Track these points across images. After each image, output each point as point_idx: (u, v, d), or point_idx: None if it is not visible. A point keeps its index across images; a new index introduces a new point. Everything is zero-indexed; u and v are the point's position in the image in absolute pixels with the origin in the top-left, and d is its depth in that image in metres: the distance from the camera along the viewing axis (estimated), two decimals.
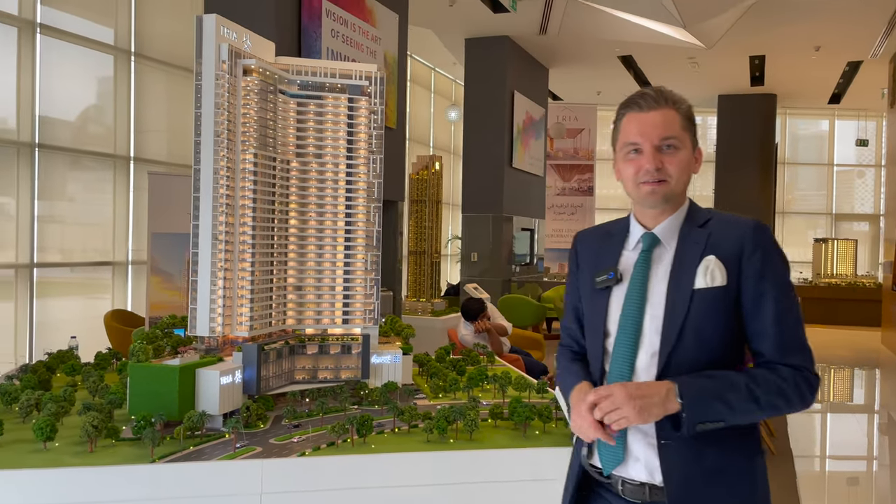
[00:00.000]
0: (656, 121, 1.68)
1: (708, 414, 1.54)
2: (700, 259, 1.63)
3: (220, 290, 2.81)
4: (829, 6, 9.63)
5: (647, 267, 1.69)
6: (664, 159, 1.67)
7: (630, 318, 1.67)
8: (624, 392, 1.54)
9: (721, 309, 1.62)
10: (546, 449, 2.47)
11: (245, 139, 2.87)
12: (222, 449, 2.40)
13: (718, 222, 1.70)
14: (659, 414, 1.54)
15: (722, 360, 1.63)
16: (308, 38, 5.80)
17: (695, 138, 1.73)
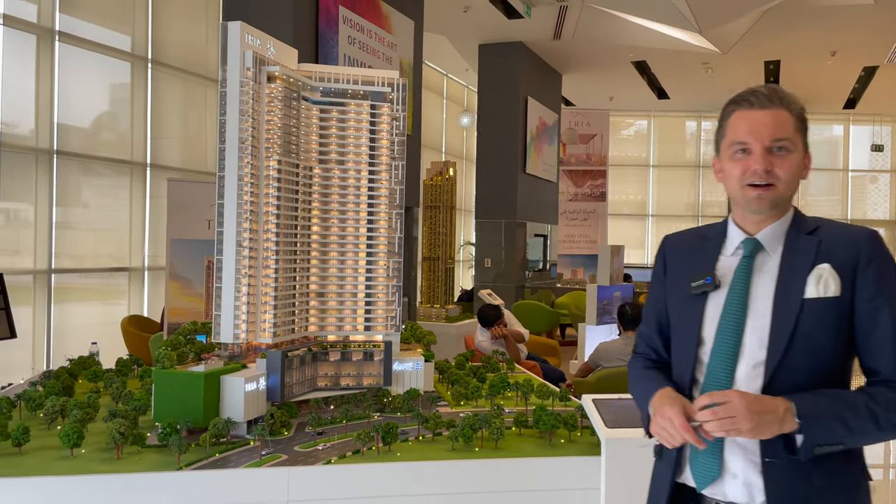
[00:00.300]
0: (768, 121, 1.58)
1: (827, 436, 1.46)
2: (811, 267, 1.55)
3: (244, 297, 2.80)
4: (846, 11, 9.57)
5: (748, 274, 1.60)
6: (774, 162, 1.57)
7: (730, 326, 1.57)
8: (744, 402, 1.43)
9: (832, 320, 1.53)
10: (573, 458, 2.45)
11: (269, 146, 2.87)
12: (248, 456, 2.39)
13: (828, 231, 1.61)
14: (774, 432, 1.45)
15: (832, 374, 1.54)
16: (325, 44, 5.82)
17: (806, 141, 1.63)
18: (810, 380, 1.51)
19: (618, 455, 2.29)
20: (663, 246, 1.82)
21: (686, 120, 18.58)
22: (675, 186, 18.69)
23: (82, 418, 2.51)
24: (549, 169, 12.59)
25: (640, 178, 18.65)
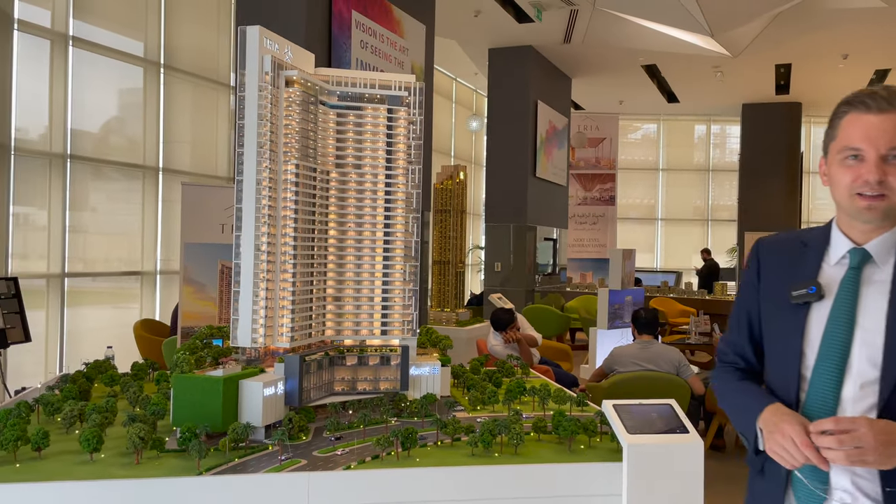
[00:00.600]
0: (886, 126, 1.48)
1: None
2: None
3: (262, 301, 2.80)
4: (857, 14, 9.54)
5: (856, 286, 1.52)
6: (889, 171, 1.47)
7: (836, 342, 1.50)
8: (872, 433, 1.36)
9: None
10: (594, 464, 2.42)
11: (287, 150, 2.87)
12: (267, 461, 2.38)
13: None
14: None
15: None
16: (338, 48, 5.83)
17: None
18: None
19: (640, 461, 2.27)
20: (757, 250, 1.73)
21: (695, 124, 18.54)
22: (685, 190, 18.64)
23: (101, 423, 2.51)
24: (559, 173, 12.57)
25: (649, 182, 18.60)
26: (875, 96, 1.50)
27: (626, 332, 7.40)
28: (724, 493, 4.69)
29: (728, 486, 4.91)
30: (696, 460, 2.29)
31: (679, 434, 2.35)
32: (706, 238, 18.41)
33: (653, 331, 4.94)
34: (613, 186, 15.66)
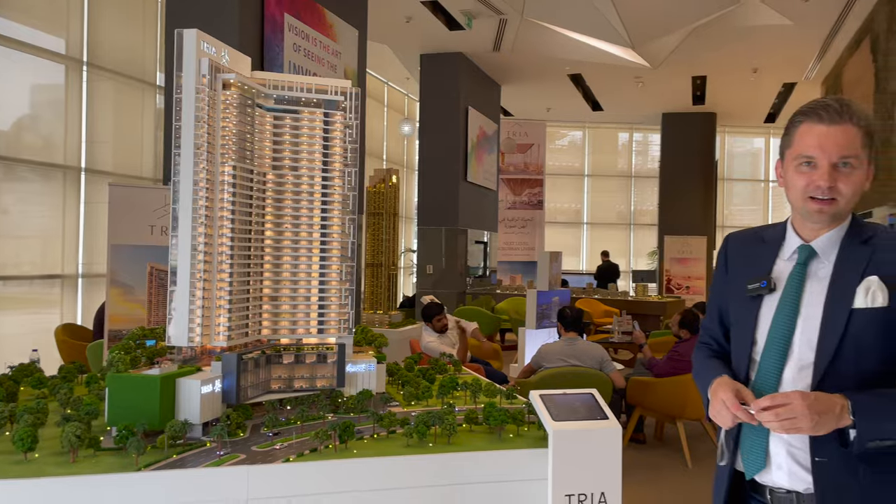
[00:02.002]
0: (837, 137, 1.61)
1: (879, 433, 1.53)
2: (861, 278, 1.61)
3: (198, 301, 2.83)
4: (767, 31, 10.16)
5: (802, 280, 1.68)
6: (839, 178, 1.62)
7: (780, 329, 1.67)
8: (804, 404, 1.52)
9: (880, 329, 1.60)
10: (522, 451, 2.57)
11: (224, 152, 2.91)
12: (206, 457, 2.42)
13: (883, 240, 1.66)
14: (831, 428, 1.54)
15: (879, 377, 1.61)
16: (270, 51, 5.84)
17: (871, 155, 1.66)
18: (856, 383, 1.59)
19: (564, 446, 2.44)
20: (726, 245, 1.89)
21: (619, 131, 19.21)
22: (609, 195, 19.29)
23: (34, 423, 2.50)
24: (490, 177, 12.83)
25: (575, 187, 19.15)
26: (828, 108, 1.64)
27: (553, 331, 7.66)
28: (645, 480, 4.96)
29: (647, 475, 5.20)
30: (615, 443, 2.47)
31: (599, 420, 2.53)
32: (629, 241, 19.10)
33: (578, 328, 5.17)
34: (541, 191, 16.06)
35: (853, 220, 1.72)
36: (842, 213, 1.68)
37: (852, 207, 1.69)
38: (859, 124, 1.63)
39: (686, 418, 5.43)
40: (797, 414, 1.52)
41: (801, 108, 1.72)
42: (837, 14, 9.59)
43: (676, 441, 5.87)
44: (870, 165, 1.67)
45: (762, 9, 9.34)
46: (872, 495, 1.58)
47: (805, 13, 9.44)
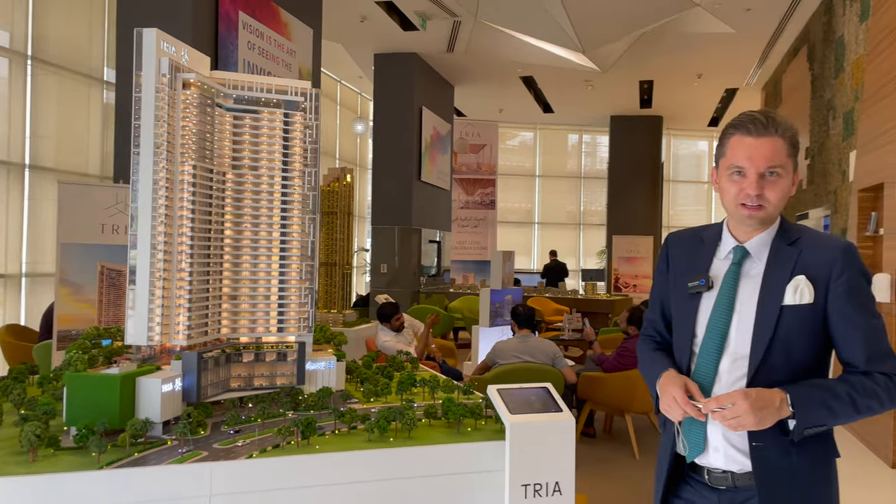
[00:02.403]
0: (765, 149, 1.75)
1: (815, 420, 1.69)
2: (790, 277, 1.75)
3: (158, 300, 2.83)
4: (711, 39, 10.52)
5: (736, 278, 1.82)
6: (766, 186, 1.76)
7: (717, 324, 1.81)
8: (747, 403, 1.66)
9: (808, 324, 1.74)
10: (480, 443, 2.66)
11: (184, 151, 2.92)
12: (168, 455, 2.44)
13: (808, 242, 1.80)
14: (773, 421, 1.68)
15: (809, 366, 1.76)
16: (225, 49, 5.80)
17: (796, 162, 1.80)
18: (787, 374, 1.74)
19: (521, 438, 2.54)
20: (667, 244, 2.03)
21: (568, 133, 19.54)
22: (559, 195, 19.60)
23: None
24: (443, 177, 12.93)
25: (526, 188, 19.41)
26: (755, 121, 1.77)
27: (506, 329, 7.80)
28: (595, 472, 5.12)
29: (597, 467, 5.36)
30: (569, 435, 2.58)
31: (554, 413, 2.64)
32: (578, 241, 19.45)
33: (531, 325, 5.30)
34: (494, 191, 16.24)
35: (782, 222, 1.86)
36: (770, 218, 1.82)
37: (780, 211, 1.83)
38: (784, 136, 1.77)
39: (634, 412, 5.62)
40: (741, 413, 1.66)
41: (732, 121, 1.85)
42: (777, 23, 9.99)
43: (625, 434, 6.06)
44: (795, 172, 1.81)
45: (706, 17, 9.67)
46: (804, 476, 1.73)
47: (747, 22, 9.82)
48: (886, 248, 5.68)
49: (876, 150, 6.04)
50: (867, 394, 1.69)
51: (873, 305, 1.75)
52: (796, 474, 1.72)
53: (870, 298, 1.75)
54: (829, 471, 1.78)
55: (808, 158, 9.35)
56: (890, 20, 5.77)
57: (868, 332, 1.72)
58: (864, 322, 1.72)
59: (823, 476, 1.77)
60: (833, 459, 1.80)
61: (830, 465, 1.79)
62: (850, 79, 7.31)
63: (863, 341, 1.73)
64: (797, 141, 1.81)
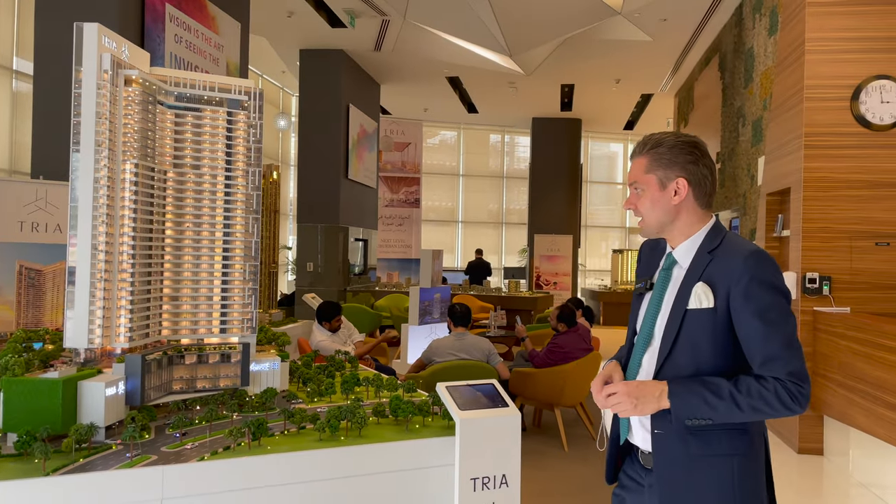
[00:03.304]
0: (632, 169, 2.02)
1: (692, 412, 1.80)
2: (697, 282, 1.89)
3: (99, 301, 2.76)
4: (628, 46, 10.95)
5: (665, 282, 1.98)
6: (636, 201, 1.99)
7: (647, 322, 1.99)
8: (625, 391, 1.86)
9: (710, 327, 1.86)
10: (430, 440, 2.73)
11: (126, 149, 2.86)
12: (115, 460, 2.39)
13: (723, 250, 1.91)
14: (654, 409, 1.85)
15: (720, 368, 1.87)
16: (151, 41, 5.63)
17: (666, 174, 1.94)
18: (693, 372, 1.87)
19: (470, 433, 2.63)
20: (640, 250, 2.21)
21: (491, 133, 19.84)
22: (482, 195, 19.88)
23: None
24: (370, 175, 12.90)
25: (449, 186, 19.59)
26: (638, 144, 2.01)
27: (435, 327, 7.89)
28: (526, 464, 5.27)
29: (528, 460, 5.53)
30: (515, 428, 2.70)
31: (501, 408, 2.75)
32: (500, 239, 19.81)
33: (466, 323, 5.42)
34: (418, 189, 16.32)
35: (711, 229, 1.97)
36: (651, 229, 2.01)
37: (669, 220, 1.97)
38: (648, 153, 1.97)
39: (563, 405, 5.83)
40: (620, 400, 1.87)
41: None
42: (691, 34, 10.51)
43: (554, 427, 6.27)
44: (667, 184, 1.95)
45: (626, 25, 10.07)
46: (698, 464, 1.86)
47: (662, 30, 10.28)
48: (792, 248, 6.11)
49: (783, 157, 6.48)
50: (752, 395, 1.77)
51: (773, 312, 1.80)
52: (694, 464, 1.85)
53: (769, 304, 1.81)
54: (731, 466, 1.84)
55: (719, 163, 9.90)
56: (796, 36, 6.21)
57: (763, 336, 1.79)
58: (759, 326, 1.79)
59: (722, 470, 1.84)
60: (740, 458, 1.86)
61: (733, 460, 1.85)
62: (759, 89, 7.80)
63: (757, 345, 1.80)
64: (661, 155, 1.95)
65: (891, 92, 5.78)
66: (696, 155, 1.94)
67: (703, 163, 1.94)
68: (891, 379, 4.56)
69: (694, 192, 1.94)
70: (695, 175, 1.94)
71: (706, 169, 1.95)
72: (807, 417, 5.79)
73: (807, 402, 1.79)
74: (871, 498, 4.84)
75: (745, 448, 1.86)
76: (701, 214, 1.97)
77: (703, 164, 1.94)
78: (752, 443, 1.88)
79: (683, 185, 1.94)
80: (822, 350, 5.65)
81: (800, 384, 1.77)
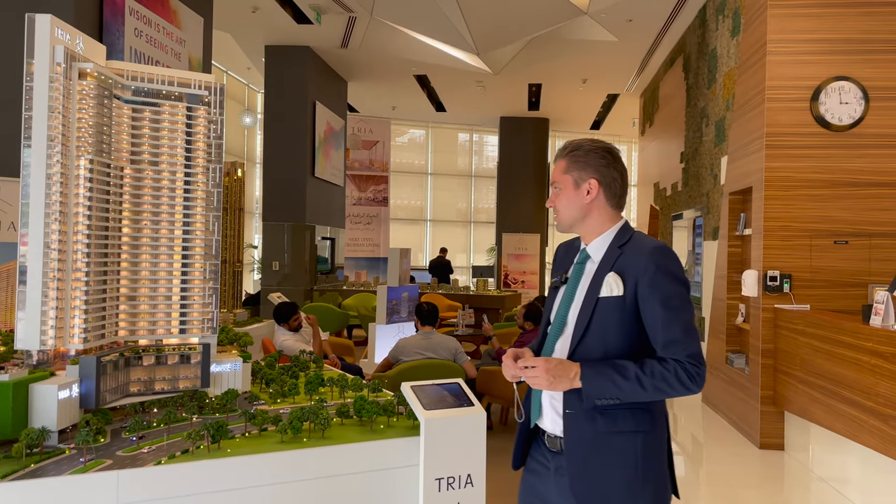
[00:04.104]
0: (554, 170, 2.20)
1: (601, 391, 1.96)
2: (608, 273, 2.06)
3: (52, 302, 2.67)
4: (595, 46, 11.03)
5: (579, 275, 2.15)
6: (554, 198, 2.17)
7: (561, 313, 2.15)
8: (545, 368, 1.99)
9: (619, 313, 2.02)
10: (394, 440, 2.70)
11: (80, 145, 2.77)
12: (68, 465, 2.32)
13: (632, 245, 2.09)
14: (566, 387, 1.99)
15: (627, 351, 2.02)
16: (110, 35, 5.50)
17: (580, 175, 2.12)
18: (602, 355, 2.03)
19: (436, 433, 2.60)
20: (557, 250, 2.34)
21: (459, 132, 19.85)
22: (450, 193, 19.88)
23: None
24: (337, 173, 12.80)
25: (418, 185, 19.55)
26: (560, 148, 2.20)
27: (403, 326, 7.86)
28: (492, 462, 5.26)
29: (495, 458, 5.52)
30: (480, 427, 2.68)
31: (467, 407, 2.72)
32: (469, 238, 19.82)
33: (433, 322, 5.39)
34: (386, 188, 16.25)
35: (620, 229, 2.15)
36: (567, 224, 2.18)
37: (583, 217, 2.15)
38: (567, 156, 2.15)
39: None
40: (538, 375, 1.98)
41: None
42: (656, 34, 10.63)
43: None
44: (581, 184, 2.13)
45: (592, 25, 10.14)
46: (605, 441, 2.00)
47: (628, 31, 10.38)
48: (754, 246, 6.21)
49: (745, 156, 6.59)
50: (655, 376, 1.93)
51: (675, 300, 1.98)
52: (601, 441, 1.99)
53: (672, 292, 1.98)
54: (634, 442, 1.99)
55: (682, 162, 10.02)
56: (758, 38, 6.31)
57: (665, 321, 1.96)
58: (662, 312, 1.97)
59: (627, 447, 1.99)
60: (643, 435, 2.01)
61: (637, 436, 2.00)
62: (722, 89, 7.91)
63: (660, 330, 1.97)
64: (579, 158, 2.14)
65: (849, 93, 5.91)
66: (609, 159, 2.13)
67: (614, 167, 2.13)
68: (849, 375, 4.66)
69: (605, 193, 2.13)
70: (606, 177, 2.12)
71: (616, 173, 2.13)
72: (768, 413, 5.90)
73: (703, 382, 1.96)
74: (830, 492, 4.94)
75: (648, 426, 2.02)
76: (612, 214, 2.15)
77: (614, 168, 2.13)
78: (654, 421, 2.03)
79: (595, 186, 2.12)
80: (783, 347, 5.76)
81: (697, 365, 1.95)
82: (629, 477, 1.98)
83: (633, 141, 18.97)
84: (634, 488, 1.98)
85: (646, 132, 13.55)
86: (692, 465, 5.90)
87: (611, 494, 1.98)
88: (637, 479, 1.98)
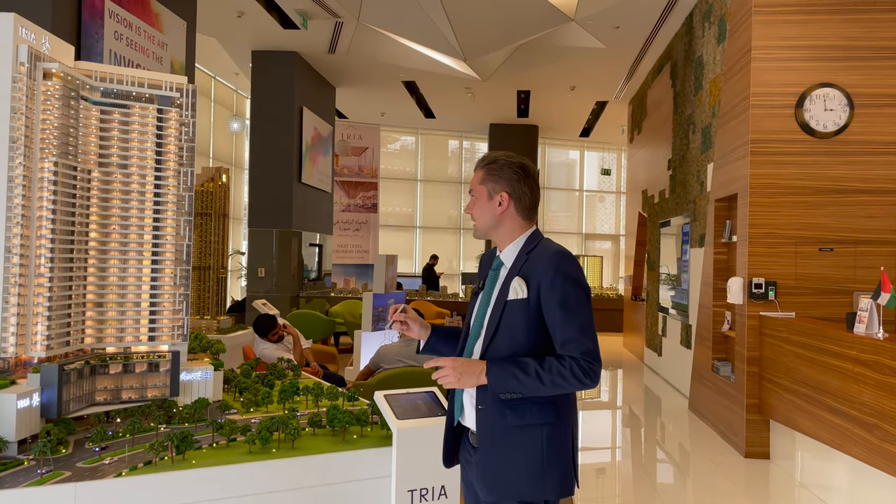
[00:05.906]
0: (472, 179, 2.30)
1: (504, 386, 2.07)
2: (514, 278, 2.17)
3: (13, 308, 2.60)
4: (583, 52, 11.02)
5: (494, 280, 2.26)
6: (471, 206, 2.28)
7: (478, 316, 2.27)
8: (452, 366, 2.11)
9: (524, 314, 2.15)
10: (366, 451, 2.64)
11: (44, 146, 2.70)
12: (25, 476, 2.24)
13: (538, 251, 2.20)
14: (474, 383, 2.10)
15: (528, 348, 2.14)
16: (88, 38, 5.42)
17: (494, 187, 2.24)
18: (510, 353, 2.14)
19: (408, 443, 2.54)
20: (480, 260, 2.48)
21: (449, 139, 19.82)
22: (440, 200, 19.83)
23: None
24: (324, 179, 12.73)
25: (408, 191, 19.49)
26: (479, 159, 2.29)
27: (389, 333, 7.77)
28: None
29: None
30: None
31: (440, 417, 2.66)
32: (458, 245, 19.77)
33: None
34: (376, 194, 16.18)
35: (530, 236, 2.26)
36: (482, 232, 2.29)
37: (495, 226, 2.26)
38: (484, 167, 2.27)
39: None
40: (447, 373, 2.09)
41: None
42: (643, 42, 10.62)
43: None
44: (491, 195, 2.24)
45: (580, 31, 10.12)
46: (513, 433, 2.11)
47: (615, 38, 10.36)
48: (739, 253, 6.18)
49: (730, 163, 6.56)
50: (552, 371, 2.05)
51: (572, 301, 2.10)
52: (510, 434, 2.10)
53: (569, 294, 2.11)
54: (541, 433, 2.10)
55: (670, 169, 10.01)
56: (743, 44, 6.30)
57: (563, 321, 2.09)
58: (560, 313, 2.09)
59: (534, 437, 2.10)
60: (549, 427, 2.12)
61: (542, 428, 2.11)
62: (708, 96, 7.89)
63: (558, 329, 2.10)
64: (495, 170, 2.25)
65: (834, 100, 5.90)
66: (521, 175, 2.24)
67: (525, 182, 2.24)
68: (832, 383, 4.62)
69: (515, 206, 2.24)
70: (517, 191, 2.23)
71: (527, 188, 2.24)
72: (753, 422, 5.85)
73: (597, 378, 2.08)
74: (815, 501, 4.90)
75: (553, 418, 2.12)
76: (522, 224, 2.26)
77: (525, 183, 2.24)
78: (558, 413, 2.14)
79: (506, 198, 2.23)
80: (768, 354, 5.72)
81: (591, 362, 2.07)
82: (535, 465, 2.09)
83: (622, 148, 18.99)
84: (540, 474, 2.09)
85: (634, 140, 13.54)
86: (678, 474, 5.84)
87: (518, 480, 2.09)
88: (543, 466, 2.09)
